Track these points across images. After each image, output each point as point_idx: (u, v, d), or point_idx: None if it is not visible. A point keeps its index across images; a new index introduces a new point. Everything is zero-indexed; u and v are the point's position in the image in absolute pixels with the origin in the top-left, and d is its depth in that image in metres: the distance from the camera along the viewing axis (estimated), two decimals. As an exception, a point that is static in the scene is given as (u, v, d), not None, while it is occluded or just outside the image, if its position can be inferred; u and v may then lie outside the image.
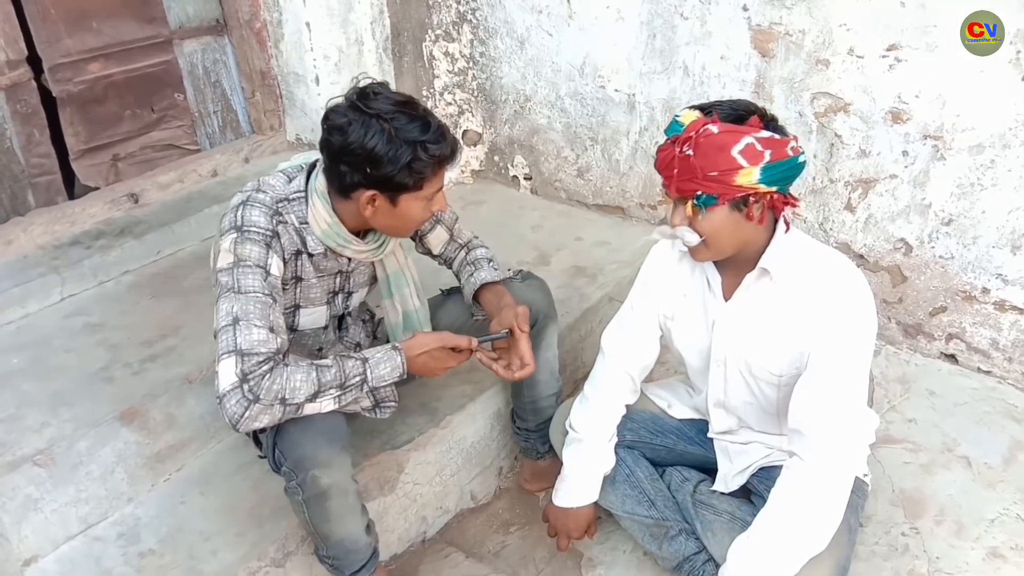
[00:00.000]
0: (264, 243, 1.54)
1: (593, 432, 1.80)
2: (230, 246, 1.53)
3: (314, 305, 1.72)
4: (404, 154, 1.47)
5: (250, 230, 1.54)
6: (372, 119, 1.46)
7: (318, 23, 2.77)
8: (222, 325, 1.48)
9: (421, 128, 1.48)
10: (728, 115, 1.45)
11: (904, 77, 2.20)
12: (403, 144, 1.46)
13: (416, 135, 1.47)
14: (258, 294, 1.50)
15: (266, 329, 1.48)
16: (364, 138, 1.46)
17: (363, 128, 1.46)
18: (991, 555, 1.85)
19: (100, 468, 1.80)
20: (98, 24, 2.53)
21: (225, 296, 1.50)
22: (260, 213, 1.55)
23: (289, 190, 1.61)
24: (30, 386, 1.94)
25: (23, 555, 1.68)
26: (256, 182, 1.62)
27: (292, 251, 1.62)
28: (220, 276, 1.52)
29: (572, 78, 2.87)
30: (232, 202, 1.59)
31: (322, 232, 1.60)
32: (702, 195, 1.44)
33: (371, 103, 1.48)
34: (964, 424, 2.23)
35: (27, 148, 2.45)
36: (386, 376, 1.58)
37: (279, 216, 1.58)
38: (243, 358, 1.44)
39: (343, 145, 1.48)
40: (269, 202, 1.58)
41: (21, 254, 2.38)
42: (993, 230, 2.22)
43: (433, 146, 1.49)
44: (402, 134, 1.46)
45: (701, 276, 1.67)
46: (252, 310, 1.48)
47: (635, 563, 1.92)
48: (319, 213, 1.59)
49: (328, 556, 1.67)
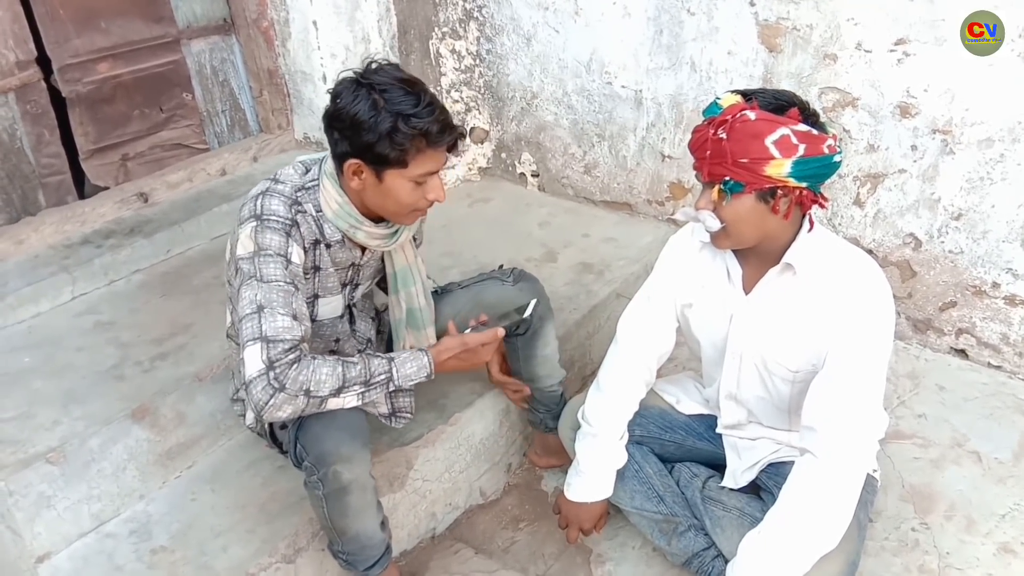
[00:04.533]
0: (284, 232, 1.54)
1: (607, 427, 1.80)
2: (250, 234, 1.53)
3: (331, 294, 1.72)
4: (384, 122, 1.45)
5: (270, 219, 1.54)
6: (364, 88, 1.47)
7: (325, 21, 2.77)
8: (246, 313, 1.48)
9: (412, 102, 1.47)
10: (768, 104, 1.43)
11: (912, 71, 2.19)
12: (386, 113, 1.45)
13: (403, 107, 1.46)
14: (280, 282, 1.50)
15: (290, 316, 1.49)
16: (351, 104, 1.47)
17: (353, 96, 1.47)
18: (1002, 550, 1.85)
19: (112, 465, 1.81)
20: (106, 24, 2.54)
21: (247, 284, 1.50)
22: (279, 202, 1.56)
23: (306, 179, 1.61)
24: (42, 384, 1.96)
25: (36, 552, 1.69)
26: (275, 173, 1.62)
27: (311, 240, 1.62)
28: (241, 264, 1.53)
29: (579, 74, 2.87)
30: (251, 192, 1.60)
31: (334, 213, 1.60)
32: (730, 181, 1.43)
33: (371, 76, 1.49)
34: (974, 419, 2.22)
35: (37, 148, 2.46)
36: (412, 375, 1.59)
37: (298, 205, 1.59)
38: (269, 345, 1.45)
39: (335, 111, 1.50)
40: (288, 191, 1.58)
41: (32, 254, 2.39)
42: (1003, 224, 2.21)
43: (416, 120, 1.46)
44: (389, 105, 1.45)
45: (721, 267, 1.66)
46: (275, 298, 1.49)
47: (644, 559, 1.92)
48: (329, 194, 1.59)
49: (343, 551, 1.68)
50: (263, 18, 2.84)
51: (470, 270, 2.05)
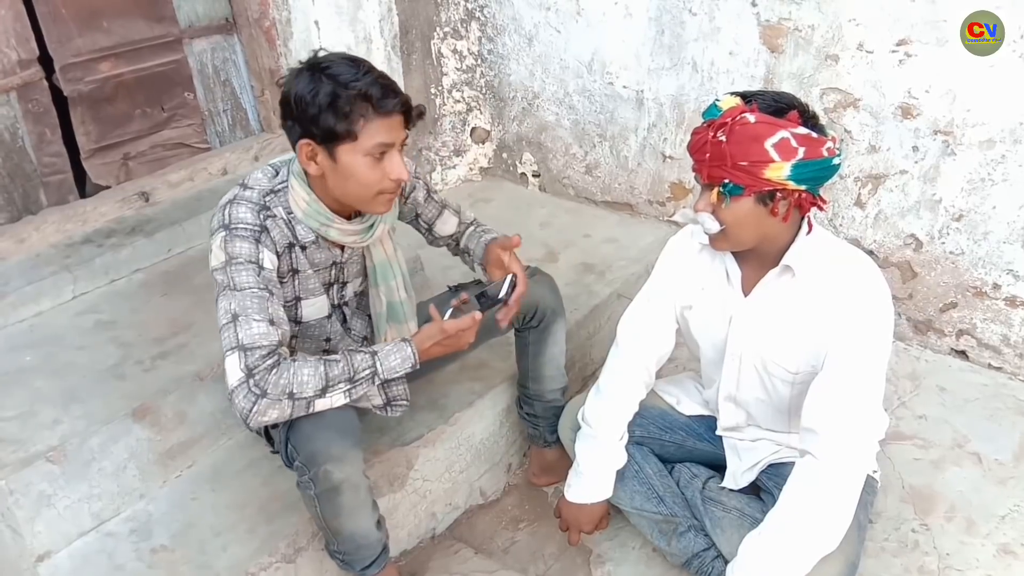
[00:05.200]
0: (253, 238, 1.54)
1: (607, 429, 1.80)
2: (220, 244, 1.53)
3: (314, 295, 1.72)
4: (324, 91, 1.44)
5: (237, 227, 1.54)
6: (306, 70, 1.48)
7: (327, 21, 2.77)
8: (223, 323, 1.49)
9: (352, 73, 1.46)
10: (768, 106, 1.43)
11: (914, 72, 2.19)
12: (326, 82, 1.44)
13: (341, 76, 1.45)
14: (253, 289, 1.50)
15: (265, 322, 1.48)
16: (294, 85, 1.47)
17: (296, 79, 1.48)
18: (1002, 551, 1.85)
19: (112, 464, 1.81)
20: (108, 24, 2.54)
21: (223, 294, 1.51)
22: (247, 209, 1.55)
23: (275, 182, 1.60)
24: (43, 383, 1.96)
25: (36, 551, 1.70)
26: (244, 178, 1.62)
27: (284, 244, 1.61)
28: (215, 275, 1.53)
29: (580, 75, 2.87)
30: (220, 201, 1.59)
31: (303, 213, 1.58)
32: (729, 183, 1.43)
33: (315, 61, 1.50)
34: (975, 420, 2.22)
35: (39, 147, 2.47)
36: (396, 368, 1.58)
37: (267, 210, 1.58)
38: (246, 353, 1.45)
39: (282, 99, 1.50)
40: (256, 197, 1.57)
41: (34, 253, 2.39)
42: (1004, 225, 2.21)
43: (356, 83, 1.44)
44: (331, 77, 1.45)
45: (720, 269, 1.67)
46: (249, 305, 1.49)
47: (644, 559, 1.92)
48: (297, 194, 1.58)
49: (339, 551, 1.68)
50: (265, 18, 2.84)
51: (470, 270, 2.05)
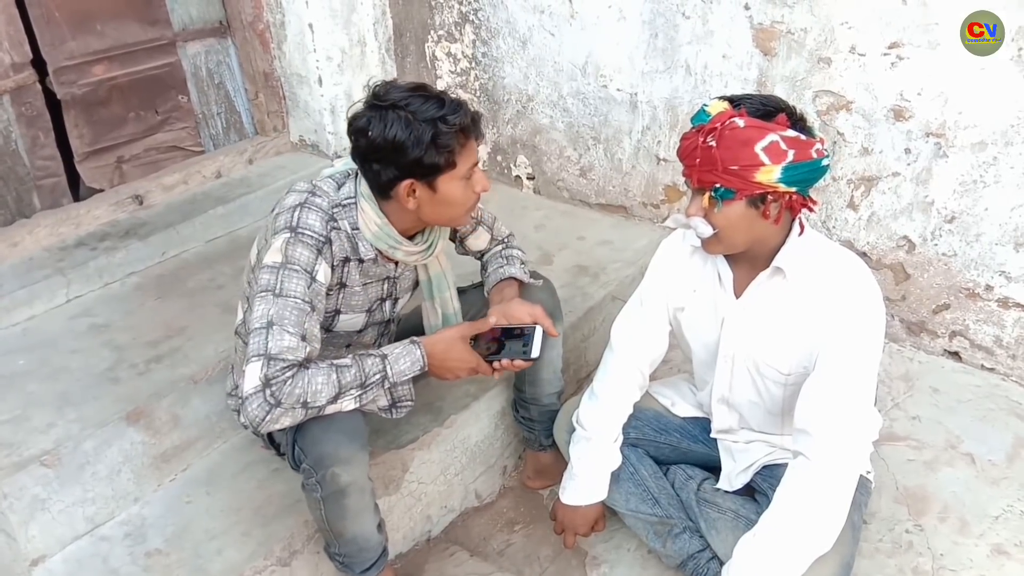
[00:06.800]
0: (316, 248, 1.55)
1: (601, 431, 1.80)
2: (281, 245, 1.53)
3: (354, 312, 1.73)
4: (425, 132, 1.47)
5: (304, 233, 1.54)
6: (387, 110, 1.48)
7: (320, 24, 2.78)
8: (255, 327, 1.48)
9: (436, 105, 1.49)
10: (756, 110, 1.44)
11: (906, 75, 2.20)
12: (422, 124, 1.47)
13: (433, 112, 1.48)
14: (298, 300, 1.50)
15: (298, 336, 1.48)
16: (385, 130, 1.47)
17: (381, 122, 1.48)
18: (995, 552, 1.85)
19: (106, 468, 1.81)
20: (102, 27, 2.54)
21: (263, 296, 1.50)
22: (317, 218, 1.56)
23: (341, 196, 1.61)
24: (36, 387, 1.95)
25: (30, 555, 1.69)
26: (309, 185, 1.62)
27: (341, 258, 1.62)
28: (263, 273, 1.52)
29: (574, 78, 2.88)
30: (287, 202, 1.59)
31: (373, 235, 1.61)
32: (720, 188, 1.44)
33: (384, 97, 1.50)
34: (968, 421, 2.23)
35: (32, 151, 2.46)
36: (406, 370, 1.59)
37: (334, 222, 1.59)
38: (269, 363, 1.45)
39: (368, 144, 1.50)
40: (326, 207, 1.58)
41: (27, 256, 2.39)
42: (996, 227, 2.22)
43: (452, 116, 1.49)
44: (419, 115, 1.47)
45: (712, 271, 1.67)
46: (288, 316, 1.48)
47: (639, 561, 1.92)
48: (368, 216, 1.59)
49: (339, 553, 1.68)
50: (259, 21, 2.84)
51: (466, 272, 2.06)
